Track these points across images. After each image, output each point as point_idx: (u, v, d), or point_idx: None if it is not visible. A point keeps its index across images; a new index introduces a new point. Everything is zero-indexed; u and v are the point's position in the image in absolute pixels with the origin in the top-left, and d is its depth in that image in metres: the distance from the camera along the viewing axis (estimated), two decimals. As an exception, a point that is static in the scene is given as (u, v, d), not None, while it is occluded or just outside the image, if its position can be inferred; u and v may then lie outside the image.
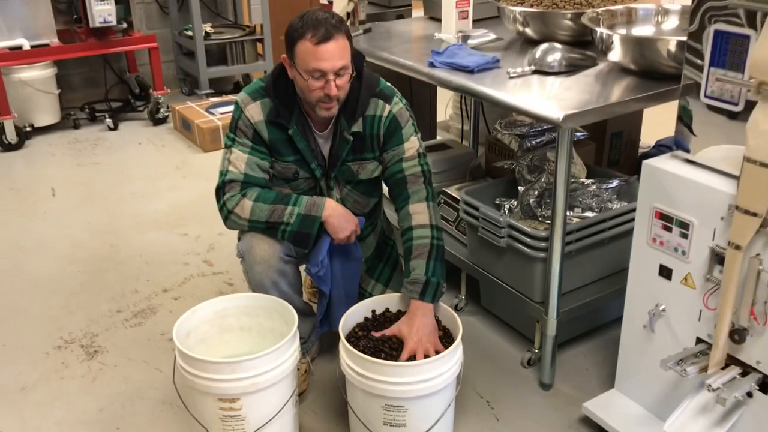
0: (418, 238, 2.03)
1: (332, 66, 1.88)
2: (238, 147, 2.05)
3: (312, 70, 1.89)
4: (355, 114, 2.03)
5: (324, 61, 1.87)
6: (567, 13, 2.38)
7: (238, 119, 2.06)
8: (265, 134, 2.04)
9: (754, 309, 1.61)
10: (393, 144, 2.08)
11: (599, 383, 2.23)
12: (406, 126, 2.08)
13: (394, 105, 2.07)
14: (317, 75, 1.89)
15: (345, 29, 1.91)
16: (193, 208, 3.50)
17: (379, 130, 2.07)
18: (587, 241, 2.18)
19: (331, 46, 1.86)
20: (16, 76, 4.25)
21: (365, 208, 2.23)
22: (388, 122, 2.06)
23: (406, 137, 2.08)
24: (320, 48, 1.86)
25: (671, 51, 1.97)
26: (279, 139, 2.05)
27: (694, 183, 1.69)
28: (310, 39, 1.86)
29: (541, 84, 2.11)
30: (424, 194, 2.08)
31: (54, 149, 4.31)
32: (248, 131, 2.04)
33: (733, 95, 1.62)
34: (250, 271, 2.07)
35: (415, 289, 1.98)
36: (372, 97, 2.06)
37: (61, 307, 2.71)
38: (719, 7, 1.59)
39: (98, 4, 4.26)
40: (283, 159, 2.08)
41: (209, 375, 1.79)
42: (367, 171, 2.13)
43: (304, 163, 2.09)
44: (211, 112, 4.40)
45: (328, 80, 1.90)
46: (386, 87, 2.10)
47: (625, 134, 2.90)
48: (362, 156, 2.11)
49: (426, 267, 2.00)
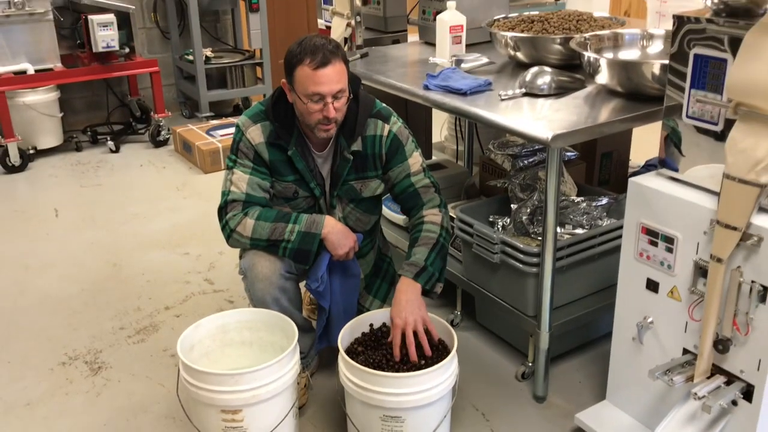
0: (426, 231, 2.12)
1: (330, 89, 1.96)
2: (240, 168, 2.12)
3: (311, 93, 1.97)
4: (354, 134, 2.11)
5: (322, 85, 1.95)
6: (556, 38, 2.47)
7: (239, 141, 2.13)
8: (265, 155, 2.12)
9: (737, 319, 1.67)
10: (397, 161, 2.17)
11: (592, 395, 2.28)
12: (407, 143, 2.17)
13: (393, 124, 2.16)
14: (316, 98, 1.97)
15: (342, 54, 2.00)
16: (193, 228, 3.57)
17: (381, 149, 2.15)
18: (578, 256, 2.25)
19: (328, 70, 1.95)
20: (20, 100, 4.34)
21: (366, 226, 2.30)
22: (389, 141, 2.15)
23: (409, 153, 2.18)
24: (318, 73, 1.94)
25: (655, 74, 2.05)
26: (279, 159, 2.13)
27: (678, 199, 1.76)
28: (309, 64, 1.94)
29: (531, 106, 2.20)
30: (437, 201, 2.18)
31: (57, 171, 4.38)
32: (249, 153, 2.12)
33: (713, 115, 1.70)
34: (251, 288, 2.13)
35: (411, 269, 2.05)
36: (370, 117, 2.14)
37: (65, 325, 2.77)
38: (698, 31, 1.68)
39: (101, 30, 4.37)
40: (283, 179, 2.16)
41: (212, 387, 1.85)
42: (369, 189, 2.21)
43: (303, 182, 2.16)
44: (211, 135, 4.48)
45: (327, 103, 1.98)
46: (383, 108, 2.18)
47: (614, 154, 2.98)
48: (364, 174, 2.19)
49: (428, 255, 2.07)
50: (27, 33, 4.33)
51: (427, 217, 2.15)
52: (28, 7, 4.24)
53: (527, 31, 2.57)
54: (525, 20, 2.67)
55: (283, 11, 5.72)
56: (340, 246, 2.10)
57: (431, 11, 2.96)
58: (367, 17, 3.36)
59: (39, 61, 4.40)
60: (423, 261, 2.07)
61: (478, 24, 2.82)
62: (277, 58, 5.49)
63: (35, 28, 4.33)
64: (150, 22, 5.23)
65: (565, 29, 2.55)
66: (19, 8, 4.21)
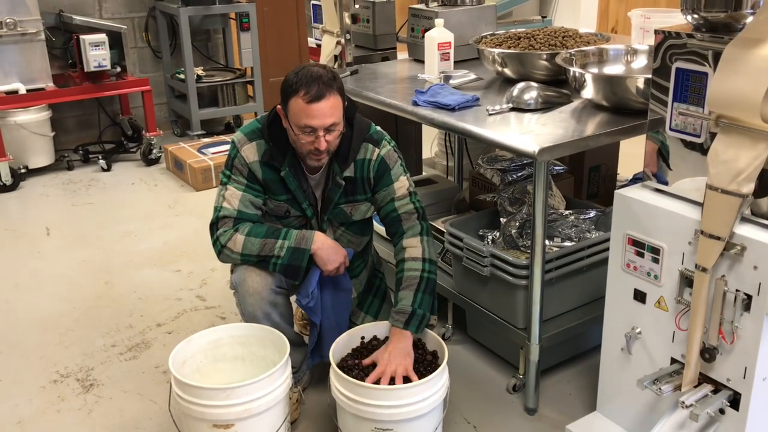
0: (408, 270, 2.12)
1: (322, 123, 1.97)
2: (233, 184, 2.14)
3: (303, 126, 1.98)
4: (347, 160, 2.13)
5: (314, 119, 1.96)
6: (542, 54, 2.51)
7: (234, 157, 2.15)
8: (259, 174, 2.14)
9: (722, 328, 1.70)
10: (383, 185, 2.18)
11: (582, 407, 2.30)
12: (394, 167, 2.18)
13: (383, 148, 2.17)
14: (308, 131, 1.98)
15: (338, 86, 2.00)
16: (185, 245, 3.57)
17: (369, 173, 2.17)
18: (566, 269, 2.27)
19: (322, 105, 1.95)
20: (12, 119, 4.35)
21: (358, 247, 2.31)
22: (377, 165, 2.16)
23: (395, 177, 2.18)
24: (311, 106, 1.95)
25: (639, 88, 2.09)
26: (272, 179, 2.14)
27: (663, 210, 1.79)
28: (303, 96, 1.94)
29: (518, 120, 2.23)
30: (418, 229, 2.17)
31: (48, 190, 4.39)
32: (243, 170, 2.14)
33: (695, 128, 1.73)
34: (242, 303, 2.14)
35: (400, 318, 2.06)
36: (363, 142, 2.16)
37: (57, 343, 2.76)
38: (679, 45, 1.72)
39: (93, 49, 4.40)
40: (275, 197, 2.17)
41: (204, 401, 1.85)
42: (360, 212, 2.23)
43: (295, 202, 2.18)
44: (202, 153, 4.50)
45: (318, 136, 1.99)
46: (376, 132, 2.20)
47: (602, 168, 3.02)
48: (354, 198, 2.20)
49: (413, 298, 2.08)
50: (19, 53, 4.35)
51: (407, 252, 2.15)
52: (20, 27, 4.26)
53: (514, 48, 2.61)
54: (512, 37, 2.71)
55: (273, 30, 5.76)
56: (330, 262, 2.11)
57: (420, 29, 3.00)
58: (356, 35, 3.40)
59: (31, 80, 4.41)
60: (410, 306, 2.06)
61: (465, 41, 2.86)
62: (268, 76, 5.54)
63: (27, 48, 4.36)
64: (141, 42, 5.26)
65: (551, 45, 2.59)
66: (11, 28, 4.23)
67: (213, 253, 2.15)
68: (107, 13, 5.06)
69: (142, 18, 5.20)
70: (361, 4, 3.45)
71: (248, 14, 4.97)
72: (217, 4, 4.93)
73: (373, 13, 3.44)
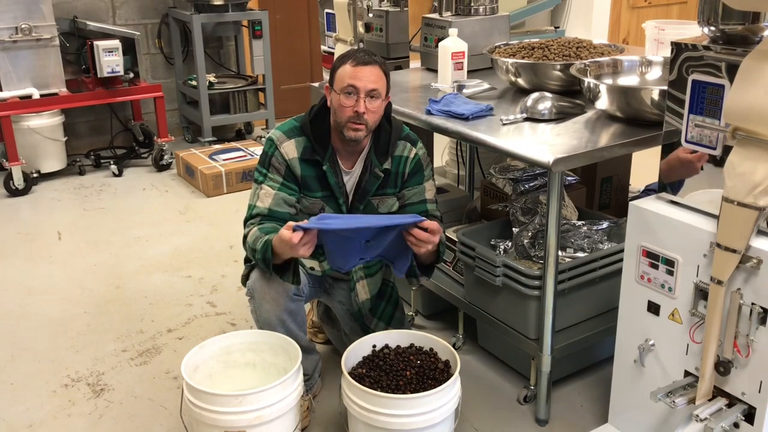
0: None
1: (365, 85, 2.04)
2: (269, 182, 2.15)
3: (346, 86, 2.05)
4: (387, 153, 2.19)
5: (358, 79, 2.04)
6: (556, 64, 2.51)
7: (272, 155, 2.16)
8: (297, 171, 2.16)
9: (737, 341, 1.69)
10: (414, 183, 2.24)
11: (593, 419, 2.29)
12: (427, 169, 2.27)
13: (420, 149, 2.25)
14: (350, 90, 2.05)
15: (385, 66, 2.11)
16: (196, 251, 3.58)
17: (404, 169, 2.23)
18: (579, 279, 2.27)
19: (367, 69, 2.05)
20: (25, 124, 4.38)
21: None
22: (414, 163, 2.23)
23: (426, 178, 2.26)
24: (357, 69, 2.05)
25: (654, 99, 2.09)
26: (310, 175, 2.17)
27: (679, 222, 1.79)
28: (350, 63, 2.07)
29: (532, 130, 2.23)
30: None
31: (60, 195, 4.41)
32: (281, 167, 2.15)
33: (711, 140, 1.73)
34: (258, 310, 2.14)
35: None
36: (400, 139, 2.22)
37: (68, 347, 2.77)
38: (696, 57, 1.72)
39: (106, 55, 4.43)
40: (312, 195, 2.19)
41: (216, 408, 1.85)
42: (386, 205, 2.25)
43: (331, 198, 2.20)
44: (214, 159, 4.52)
45: (359, 98, 2.05)
46: (411, 132, 2.28)
47: (614, 179, 3.01)
48: (384, 191, 2.24)
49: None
50: (33, 58, 4.38)
51: None
52: (34, 32, 4.29)
53: (528, 58, 2.62)
54: (525, 47, 2.71)
55: (285, 38, 5.79)
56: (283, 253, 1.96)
57: (433, 38, 3.01)
58: (369, 44, 3.41)
59: (44, 85, 4.44)
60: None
61: (479, 51, 2.87)
62: (279, 84, 5.57)
63: (41, 54, 4.39)
64: (154, 48, 5.29)
65: (565, 56, 2.59)
66: (26, 34, 4.27)
67: (224, 260, 2.16)
68: (121, 20, 5.09)
69: (155, 24, 5.23)
70: (375, 13, 3.46)
71: (261, 22, 5.00)
72: (230, 12, 4.95)
73: (387, 22, 3.45)
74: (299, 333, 2.18)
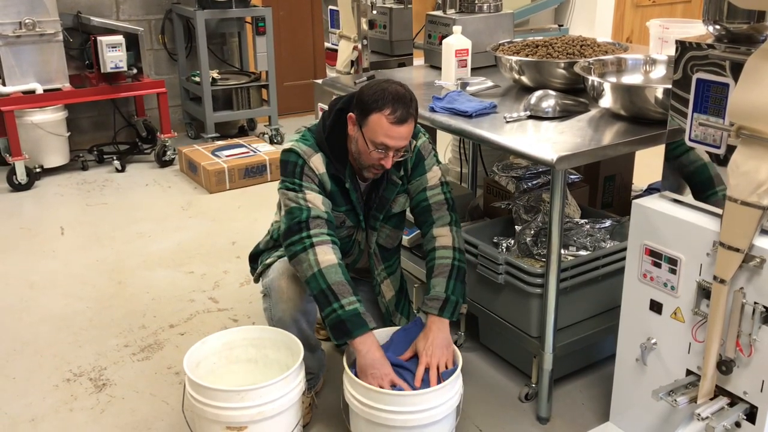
0: (440, 258, 2.13)
1: (397, 145, 1.99)
2: (310, 189, 2.06)
3: (379, 143, 1.98)
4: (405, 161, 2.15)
5: (393, 139, 1.97)
6: (560, 62, 2.51)
7: (303, 166, 2.07)
8: (327, 186, 2.10)
9: (740, 341, 1.69)
10: (417, 174, 2.20)
11: (595, 417, 2.29)
12: (428, 157, 2.22)
13: (419, 139, 2.21)
14: (381, 149, 1.99)
15: (415, 113, 2.01)
16: (198, 247, 3.58)
17: (407, 164, 2.20)
18: (581, 278, 2.27)
19: (403, 129, 1.97)
20: (29, 119, 4.39)
21: (394, 242, 2.33)
22: (414, 155, 2.19)
23: (428, 167, 2.21)
24: (394, 128, 1.96)
25: (658, 98, 2.09)
26: (336, 191, 2.12)
27: (682, 221, 1.79)
28: (388, 116, 1.94)
29: (536, 128, 2.23)
30: (448, 219, 2.19)
31: (63, 190, 4.42)
32: (314, 179, 2.08)
33: (715, 139, 1.72)
34: (273, 308, 2.14)
35: (434, 305, 2.06)
36: None
37: (70, 342, 2.78)
38: (700, 56, 1.72)
39: (110, 51, 4.43)
40: (337, 209, 2.15)
41: (218, 403, 1.86)
42: (399, 204, 2.25)
43: (353, 213, 2.18)
44: (216, 155, 4.52)
45: (388, 155, 2.01)
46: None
47: (617, 177, 3.01)
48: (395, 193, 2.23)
49: (446, 285, 2.08)
50: (37, 53, 4.38)
51: (438, 241, 2.16)
52: (38, 28, 4.30)
53: (532, 56, 2.61)
54: (529, 45, 2.71)
55: (289, 34, 5.79)
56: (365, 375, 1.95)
57: (437, 35, 3.01)
58: (373, 41, 3.41)
59: (48, 81, 4.44)
60: (444, 292, 2.07)
61: (483, 48, 2.86)
62: (282, 80, 5.57)
63: (45, 49, 4.39)
64: (158, 44, 5.29)
65: (569, 54, 2.59)
66: (30, 29, 4.27)
67: (226, 256, 2.16)
68: (124, 15, 5.09)
69: (158, 20, 5.23)
70: (379, 10, 3.46)
71: (264, 18, 5.00)
72: (234, 8, 4.95)
73: (390, 19, 3.45)
74: (310, 332, 2.19)
